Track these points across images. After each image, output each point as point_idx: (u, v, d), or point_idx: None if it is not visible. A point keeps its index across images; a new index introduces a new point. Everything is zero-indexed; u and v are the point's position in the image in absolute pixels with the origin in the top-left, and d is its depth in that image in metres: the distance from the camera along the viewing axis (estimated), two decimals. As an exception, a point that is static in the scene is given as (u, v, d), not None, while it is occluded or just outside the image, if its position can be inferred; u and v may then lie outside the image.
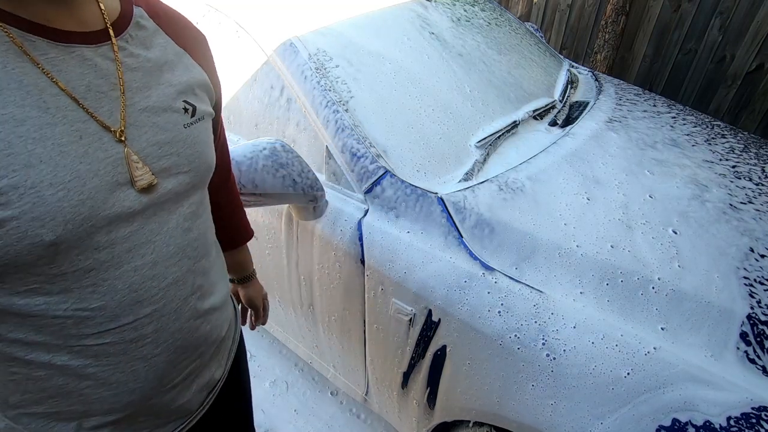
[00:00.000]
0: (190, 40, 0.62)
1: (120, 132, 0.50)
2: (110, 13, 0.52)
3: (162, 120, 0.54)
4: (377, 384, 1.29)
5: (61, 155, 0.44)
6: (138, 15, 0.55)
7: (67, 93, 0.46)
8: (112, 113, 0.49)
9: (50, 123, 0.44)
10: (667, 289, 0.88)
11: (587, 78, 1.78)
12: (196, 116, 0.59)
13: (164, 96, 0.55)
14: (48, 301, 0.47)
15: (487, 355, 0.93)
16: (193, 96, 0.59)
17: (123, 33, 0.52)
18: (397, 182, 1.09)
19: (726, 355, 0.80)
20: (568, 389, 0.83)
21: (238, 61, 1.33)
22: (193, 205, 0.59)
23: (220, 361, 0.72)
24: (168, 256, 0.56)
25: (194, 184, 0.59)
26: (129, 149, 0.50)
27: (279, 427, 1.64)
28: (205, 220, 0.63)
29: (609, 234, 0.99)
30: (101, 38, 0.50)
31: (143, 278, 0.53)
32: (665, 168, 1.21)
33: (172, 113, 0.55)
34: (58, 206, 0.44)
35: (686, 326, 0.84)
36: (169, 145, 0.55)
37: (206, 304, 0.63)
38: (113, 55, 0.50)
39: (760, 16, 2.38)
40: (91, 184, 0.46)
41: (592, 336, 0.84)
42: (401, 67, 1.29)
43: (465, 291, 0.95)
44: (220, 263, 0.70)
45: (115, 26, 0.52)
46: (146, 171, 0.51)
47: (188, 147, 0.57)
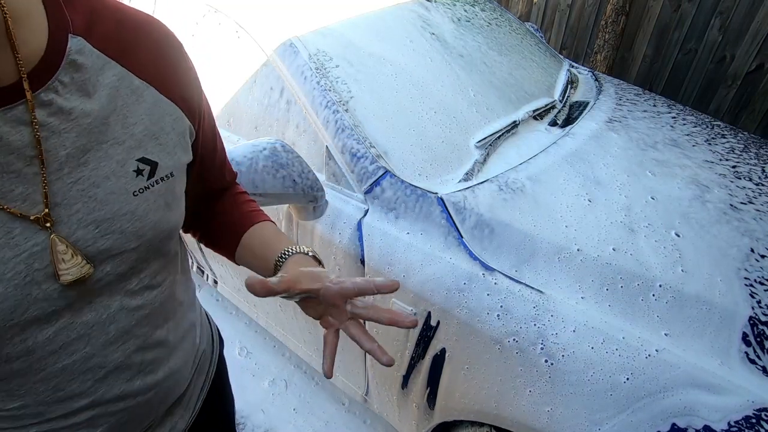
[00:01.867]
0: (161, 62, 0.48)
1: (42, 218, 0.39)
2: (30, 55, 0.38)
3: (102, 191, 0.43)
4: (377, 384, 1.29)
5: None
6: (74, 51, 0.40)
7: None
8: (30, 195, 0.39)
9: None
10: (670, 294, 0.88)
11: (587, 78, 1.78)
12: (156, 176, 0.47)
13: (107, 159, 0.43)
14: None
15: (485, 360, 0.93)
16: (157, 147, 0.47)
17: (50, 80, 0.39)
18: (397, 182, 1.09)
19: (728, 358, 0.80)
20: (566, 396, 0.83)
21: (238, 61, 1.33)
22: (146, 278, 0.50)
23: (185, 407, 0.65)
24: (107, 344, 0.47)
25: (145, 259, 0.48)
26: (55, 236, 0.40)
27: (278, 427, 1.64)
28: (168, 284, 0.54)
29: (611, 237, 0.98)
30: (13, 96, 0.37)
31: (73, 374, 0.46)
32: (666, 168, 1.21)
33: (117, 180, 0.44)
34: None
35: (689, 331, 0.83)
36: (110, 222, 0.43)
37: (160, 374, 0.55)
38: (29, 117, 0.38)
39: (760, 16, 2.38)
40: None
41: (591, 341, 0.84)
42: (401, 68, 1.29)
43: (464, 293, 0.95)
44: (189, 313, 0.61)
45: (35, 75, 0.38)
46: (77, 262, 0.41)
47: (137, 220, 0.45)
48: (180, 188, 0.52)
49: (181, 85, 0.50)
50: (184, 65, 0.51)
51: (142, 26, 0.47)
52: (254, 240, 0.63)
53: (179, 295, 0.58)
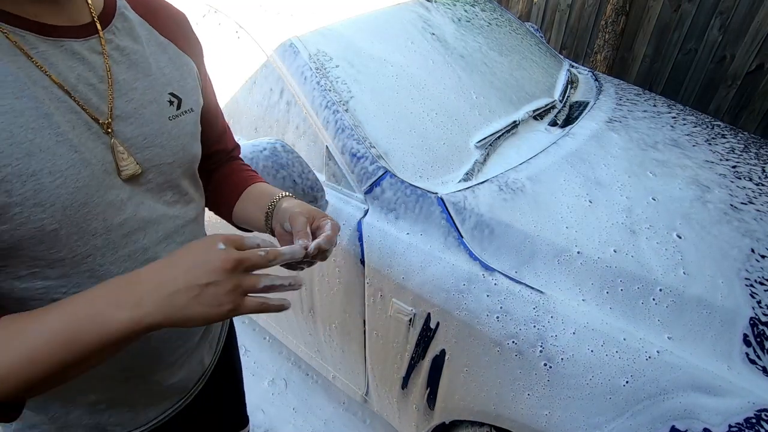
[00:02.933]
0: (175, 28, 0.62)
1: (107, 124, 0.51)
2: (96, 6, 0.53)
3: (147, 112, 0.55)
4: (377, 384, 1.29)
5: (57, 144, 0.46)
6: (122, 6, 0.56)
7: (58, 85, 0.47)
8: (100, 105, 0.51)
9: (45, 113, 0.45)
10: (671, 298, 0.87)
11: (587, 78, 1.78)
12: (181, 108, 0.60)
13: (151, 88, 0.56)
14: (47, 286, 0.49)
15: (484, 362, 0.93)
16: (180, 87, 0.60)
17: (109, 25, 0.53)
18: (397, 182, 1.09)
19: (730, 360, 0.79)
20: (564, 399, 0.83)
21: (238, 61, 1.33)
22: (177, 194, 0.61)
23: (210, 345, 0.75)
24: (158, 241, 0.58)
25: (178, 175, 0.60)
26: (115, 140, 0.51)
27: (278, 427, 1.64)
28: (194, 208, 0.65)
29: (612, 238, 0.97)
30: (88, 32, 0.51)
31: (136, 263, 0.55)
32: (667, 169, 1.21)
33: (158, 105, 0.56)
34: (56, 193, 0.45)
35: (690, 335, 0.83)
36: (154, 137, 0.56)
37: None
38: (101, 48, 0.51)
39: (760, 16, 2.38)
40: (85, 173, 0.48)
41: (591, 343, 0.83)
42: (401, 68, 1.29)
43: (464, 294, 0.95)
44: None
45: (101, 19, 0.52)
46: (131, 161, 0.53)
47: (172, 139, 0.58)
48: (198, 125, 0.64)
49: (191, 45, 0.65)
50: (192, 35, 0.66)
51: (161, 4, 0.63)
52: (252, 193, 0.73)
53: (201, 228, 0.69)
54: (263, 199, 0.69)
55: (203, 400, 0.77)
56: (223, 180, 0.77)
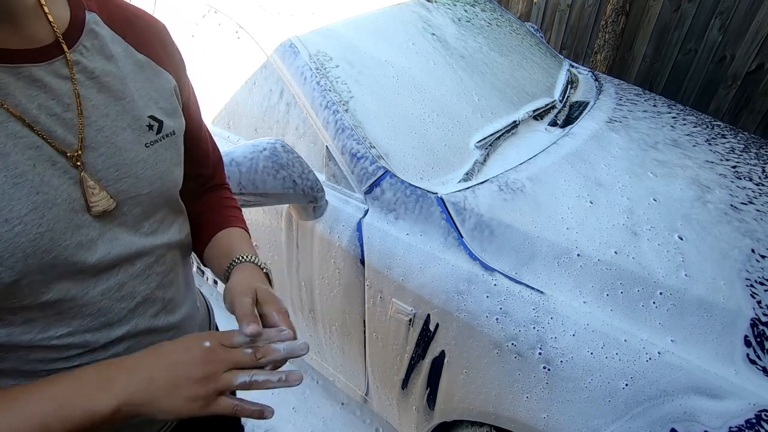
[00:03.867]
0: (153, 42, 0.57)
1: (75, 156, 0.46)
2: (59, 23, 0.47)
3: (120, 140, 0.51)
4: (377, 384, 1.29)
5: (15, 187, 0.41)
6: (91, 21, 0.50)
7: (17, 118, 0.42)
8: (66, 136, 0.46)
9: (1, 153, 0.41)
10: (673, 300, 0.87)
11: (587, 78, 1.78)
12: (162, 132, 0.55)
13: (124, 114, 0.51)
14: (10, 332, 0.46)
15: (483, 364, 0.93)
16: (159, 110, 0.55)
17: (76, 44, 0.47)
18: (397, 182, 1.09)
19: (731, 361, 0.79)
20: (562, 403, 0.83)
21: (238, 61, 1.33)
22: (155, 223, 0.57)
23: None
24: (134, 275, 0.54)
25: (155, 205, 0.56)
26: (84, 174, 0.47)
27: (278, 427, 1.64)
28: (175, 230, 0.61)
29: (613, 240, 0.97)
30: (51, 54, 0.45)
31: (111, 300, 0.52)
32: (668, 169, 1.21)
33: (132, 132, 0.52)
34: (15, 242, 0.41)
35: (692, 338, 0.82)
36: (128, 167, 0.51)
37: (178, 315, 0.63)
38: (67, 72, 0.46)
39: (760, 16, 2.38)
40: (49, 215, 0.44)
41: (591, 345, 0.83)
42: (401, 68, 1.29)
43: (463, 296, 0.94)
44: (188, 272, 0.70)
45: (66, 38, 0.47)
46: (103, 196, 0.49)
47: (149, 168, 0.53)
48: (180, 148, 0.60)
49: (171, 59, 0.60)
50: (172, 48, 0.61)
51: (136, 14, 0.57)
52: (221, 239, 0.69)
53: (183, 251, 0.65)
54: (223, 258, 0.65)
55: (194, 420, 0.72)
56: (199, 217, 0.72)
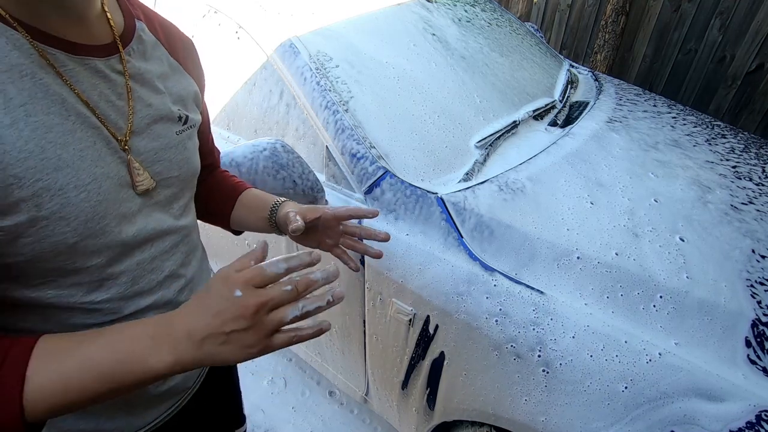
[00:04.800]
0: (183, 52, 0.67)
1: (124, 141, 0.53)
2: (117, 27, 0.55)
3: (159, 127, 0.58)
4: (377, 384, 1.29)
5: (81, 159, 0.48)
6: (140, 29, 0.59)
7: (83, 102, 0.49)
8: (118, 121, 0.53)
9: (70, 130, 0.48)
10: (674, 303, 0.86)
11: (587, 78, 1.78)
12: (187, 124, 0.63)
13: (162, 105, 0.59)
14: (58, 294, 0.50)
15: (482, 366, 0.93)
16: (184, 106, 0.64)
17: (127, 46, 0.56)
18: (397, 183, 1.09)
19: (733, 363, 0.79)
20: (561, 406, 0.82)
21: (238, 62, 1.33)
22: (182, 206, 0.64)
23: None
24: (164, 251, 0.61)
25: (182, 188, 0.64)
26: (131, 156, 0.54)
27: (278, 426, 1.63)
28: (193, 218, 0.69)
29: (614, 241, 0.96)
30: (110, 51, 0.53)
31: (144, 271, 0.58)
32: (668, 169, 1.20)
33: (167, 121, 0.60)
34: (81, 207, 0.48)
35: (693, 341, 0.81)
36: (163, 151, 0.59)
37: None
38: (121, 67, 0.54)
39: (760, 16, 2.38)
40: (105, 186, 0.50)
41: (591, 347, 0.82)
42: (402, 68, 1.29)
43: (463, 297, 0.94)
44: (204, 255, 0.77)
45: (121, 39, 0.55)
46: (146, 176, 0.56)
47: (178, 153, 0.61)
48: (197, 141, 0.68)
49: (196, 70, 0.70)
50: (197, 59, 0.71)
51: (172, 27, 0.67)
52: (248, 200, 0.80)
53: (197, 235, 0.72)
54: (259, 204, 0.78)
55: (200, 399, 0.78)
56: (214, 189, 0.82)
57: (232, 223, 0.81)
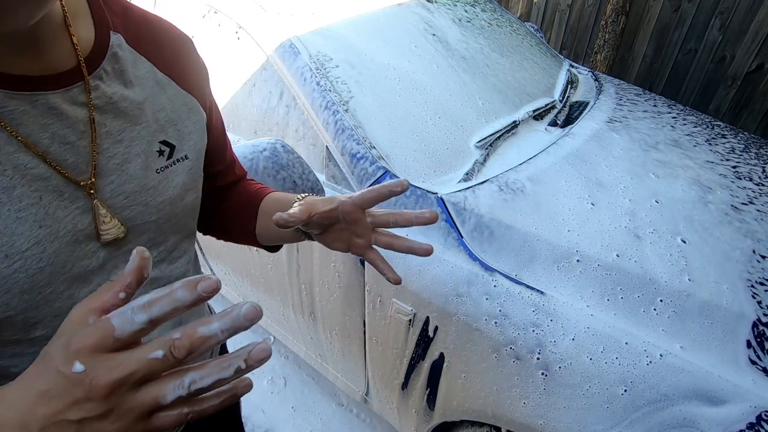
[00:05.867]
0: (179, 60, 0.56)
1: (89, 185, 0.45)
2: (84, 45, 0.45)
3: (132, 167, 0.49)
4: (377, 385, 1.29)
5: (18, 222, 0.40)
6: (115, 44, 0.48)
7: (28, 148, 0.41)
8: (79, 164, 0.45)
9: (6, 186, 0.40)
10: (675, 306, 0.85)
11: (587, 78, 1.78)
12: (173, 157, 0.53)
13: (138, 139, 0.49)
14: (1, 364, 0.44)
15: (482, 368, 0.93)
16: (175, 133, 0.54)
17: (97, 69, 0.46)
18: (398, 183, 1.08)
19: (735, 365, 0.78)
20: (559, 409, 0.82)
21: (238, 62, 1.33)
22: (163, 252, 0.55)
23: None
24: None
25: (164, 232, 0.54)
26: (98, 201, 0.46)
27: (278, 426, 1.63)
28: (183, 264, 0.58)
29: (615, 243, 0.96)
30: (71, 79, 0.43)
31: None
32: (669, 170, 1.20)
33: (144, 158, 0.50)
34: (14, 278, 0.40)
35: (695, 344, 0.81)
36: (137, 194, 0.49)
37: None
38: (84, 98, 0.44)
39: (760, 16, 2.38)
40: (50, 249, 0.42)
41: (590, 350, 0.82)
42: (402, 68, 1.29)
43: (463, 298, 0.94)
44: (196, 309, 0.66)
45: (87, 62, 0.45)
46: (114, 224, 0.47)
47: (158, 194, 0.51)
48: (196, 172, 0.57)
49: (195, 80, 0.58)
50: (196, 64, 0.59)
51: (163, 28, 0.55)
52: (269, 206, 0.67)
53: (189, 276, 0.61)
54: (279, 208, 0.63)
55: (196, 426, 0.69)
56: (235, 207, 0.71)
57: (259, 238, 0.70)
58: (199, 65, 0.60)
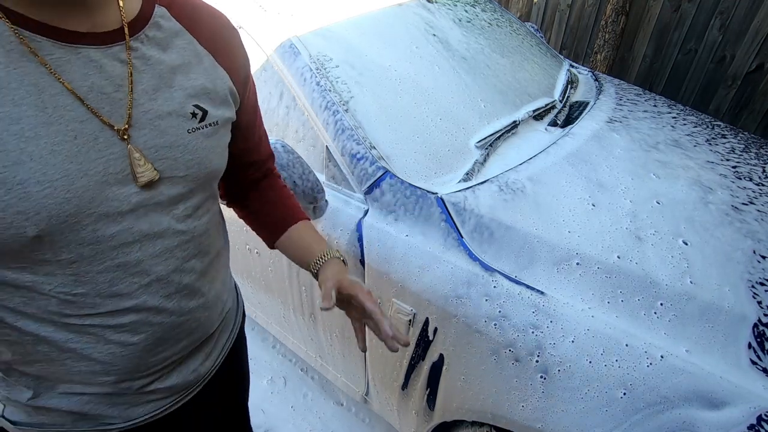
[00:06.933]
0: (220, 41, 0.62)
1: (123, 131, 0.51)
2: (129, 12, 0.52)
3: (164, 123, 0.54)
4: (377, 385, 1.29)
5: (52, 154, 0.46)
6: (158, 15, 0.55)
7: (70, 92, 0.47)
8: (114, 113, 0.50)
9: (45, 122, 0.45)
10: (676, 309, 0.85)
11: (587, 78, 1.78)
12: (205, 121, 0.59)
13: (171, 100, 0.55)
14: (34, 280, 0.50)
15: (481, 370, 0.92)
16: (208, 100, 0.59)
17: (138, 33, 0.52)
18: (397, 183, 1.08)
19: (737, 367, 0.78)
20: (557, 413, 0.82)
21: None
22: (189, 208, 0.60)
23: (209, 354, 0.73)
24: (153, 255, 0.57)
25: (192, 189, 0.59)
26: (131, 146, 0.51)
27: (278, 426, 1.63)
28: (205, 222, 0.63)
29: (616, 244, 0.95)
30: (114, 39, 0.50)
31: (125, 274, 0.55)
32: (669, 170, 1.20)
33: (177, 117, 0.56)
34: (43, 203, 0.46)
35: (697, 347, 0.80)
36: (167, 149, 0.55)
37: (192, 303, 0.64)
38: (125, 56, 0.51)
39: (760, 16, 2.38)
40: (78, 183, 0.48)
41: (590, 352, 0.81)
42: (402, 68, 1.29)
43: (462, 300, 0.94)
44: (219, 265, 0.71)
45: (131, 26, 0.52)
46: (148, 168, 0.53)
47: (188, 153, 0.57)
48: (223, 138, 0.63)
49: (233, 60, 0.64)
50: (236, 47, 0.65)
51: (209, 10, 0.62)
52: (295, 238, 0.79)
53: (214, 241, 0.67)
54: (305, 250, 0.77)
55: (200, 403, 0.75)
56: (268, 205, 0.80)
57: (277, 248, 0.81)
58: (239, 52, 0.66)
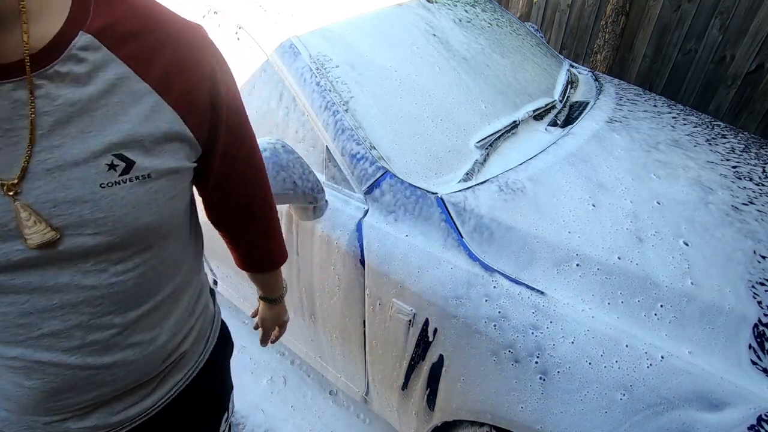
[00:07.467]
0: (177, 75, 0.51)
1: (10, 185, 0.44)
2: (38, 39, 0.43)
3: (68, 175, 0.46)
4: (377, 386, 1.29)
5: None
6: (79, 45, 0.45)
7: None
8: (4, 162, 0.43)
9: None
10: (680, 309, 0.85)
11: (587, 78, 1.78)
12: (129, 174, 0.49)
13: (81, 148, 0.46)
14: None
15: (481, 371, 0.92)
16: (139, 149, 0.49)
17: (47, 67, 0.43)
18: (397, 183, 1.08)
19: (738, 368, 0.78)
20: (557, 415, 0.82)
21: (238, 62, 1.33)
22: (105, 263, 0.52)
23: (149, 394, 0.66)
24: (47, 309, 0.50)
25: (111, 245, 0.51)
26: (18, 204, 0.44)
27: (277, 426, 1.63)
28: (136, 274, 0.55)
29: (617, 245, 0.95)
30: (11, 73, 0.42)
31: (8, 324, 0.50)
32: (670, 170, 1.20)
33: (87, 168, 0.47)
34: None
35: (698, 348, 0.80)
36: (69, 205, 0.47)
37: (107, 359, 0.57)
38: (24, 95, 0.42)
39: (760, 16, 2.38)
40: None
41: (590, 354, 0.81)
42: (402, 68, 1.29)
43: (462, 300, 0.93)
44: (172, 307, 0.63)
45: (39, 57, 0.43)
46: (41, 228, 0.46)
47: (99, 210, 0.48)
48: (161, 192, 0.53)
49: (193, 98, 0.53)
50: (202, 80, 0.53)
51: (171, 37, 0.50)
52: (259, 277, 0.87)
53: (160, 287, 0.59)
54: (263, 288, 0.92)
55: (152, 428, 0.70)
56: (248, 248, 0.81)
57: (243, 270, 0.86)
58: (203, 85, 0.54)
